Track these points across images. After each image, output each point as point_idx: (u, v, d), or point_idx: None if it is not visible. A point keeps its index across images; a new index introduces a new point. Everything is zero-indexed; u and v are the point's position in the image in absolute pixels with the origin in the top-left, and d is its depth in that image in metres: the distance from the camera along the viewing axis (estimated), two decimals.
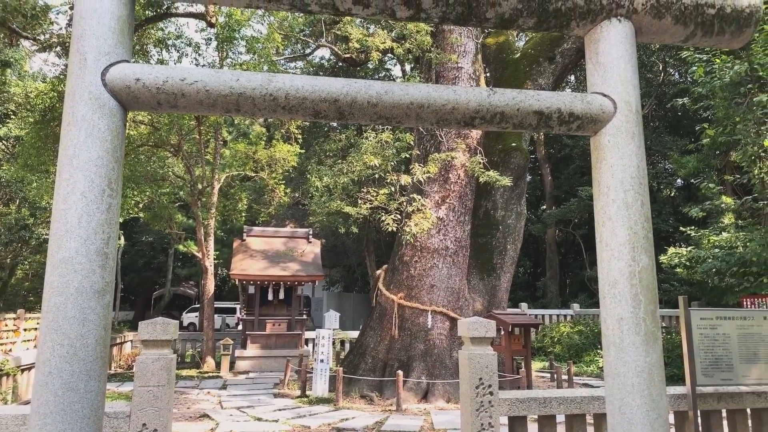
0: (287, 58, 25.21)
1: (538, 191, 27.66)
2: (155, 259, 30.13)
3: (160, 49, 14.33)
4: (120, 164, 2.46)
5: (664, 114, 24.39)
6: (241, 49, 17.25)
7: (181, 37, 14.57)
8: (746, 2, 3.13)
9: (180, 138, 15.26)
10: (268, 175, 16.80)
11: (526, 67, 15.18)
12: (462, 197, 11.45)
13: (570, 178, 25.49)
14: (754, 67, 7.54)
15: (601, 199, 2.81)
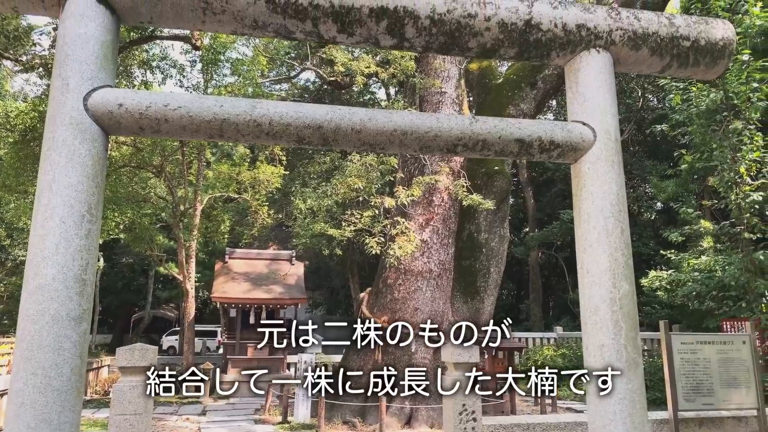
0: (272, 81, 25.32)
1: (521, 214, 27.90)
2: (135, 281, 29.67)
3: (145, 71, 14.31)
4: (101, 189, 2.44)
5: (643, 139, 24.87)
6: (226, 71, 17.29)
7: (165, 58, 14.58)
8: (720, 35, 3.23)
9: (163, 159, 15.16)
10: (252, 196, 16.72)
11: (508, 92, 15.43)
12: (446, 220, 11.50)
13: (552, 201, 25.77)
14: (729, 96, 7.76)
15: (582, 226, 2.85)
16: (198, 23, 2.76)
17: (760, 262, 7.46)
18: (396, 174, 10.95)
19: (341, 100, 25.76)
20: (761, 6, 8.69)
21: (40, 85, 14.21)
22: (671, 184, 11.92)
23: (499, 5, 2.89)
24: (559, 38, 2.98)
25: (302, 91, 26.96)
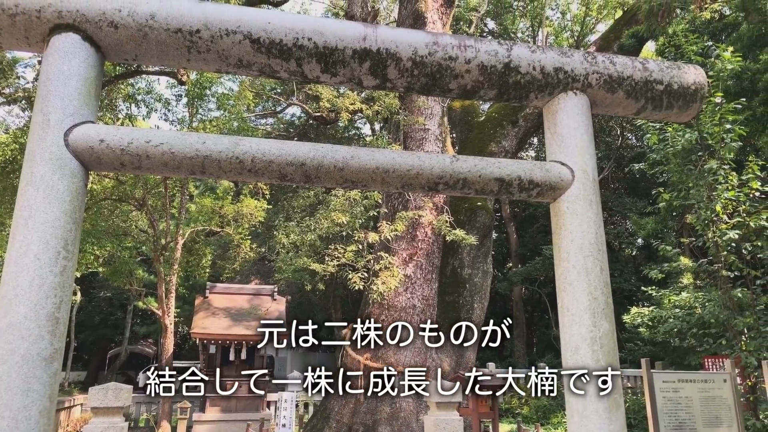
0: (258, 115, 25.51)
1: (504, 249, 28.03)
2: (113, 315, 28.99)
3: (129, 104, 14.33)
4: (78, 225, 2.41)
5: (623, 176, 25.36)
6: (212, 105, 17.39)
7: (151, 92, 14.63)
8: (691, 80, 3.35)
9: (145, 192, 15.05)
10: (234, 230, 16.60)
11: (490, 129, 15.72)
12: (429, 255, 11.51)
13: (535, 236, 25.97)
14: (704, 136, 7.97)
15: (562, 264, 2.87)
16: (183, 61, 2.79)
17: (738, 300, 7.54)
18: (380, 209, 10.99)
19: (326, 135, 25.99)
20: (732, 51, 9.04)
21: (22, 117, 14.13)
22: (651, 221, 12.13)
23: (479, 49, 2.97)
24: (538, 81, 3.06)
25: (288, 125, 27.16)
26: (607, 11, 25.15)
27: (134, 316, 28.04)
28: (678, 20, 12.23)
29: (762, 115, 10.14)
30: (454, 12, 15.16)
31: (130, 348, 28.55)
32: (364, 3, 14.86)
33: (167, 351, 15.69)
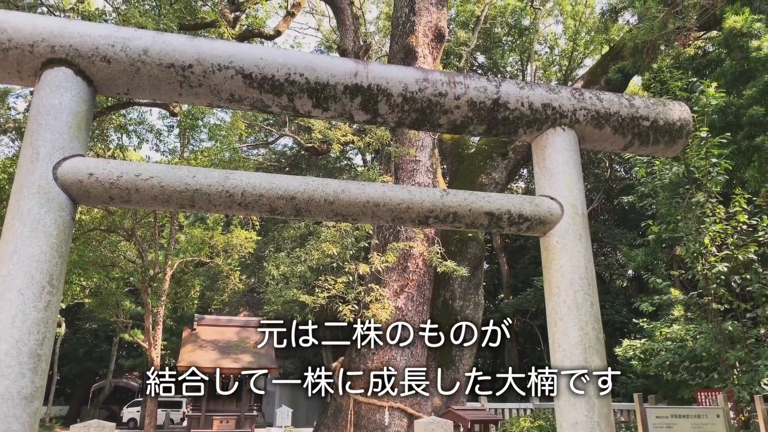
0: (250, 146, 25.62)
1: (496, 280, 27.99)
2: (98, 347, 28.44)
3: (121, 135, 14.36)
4: (65, 260, 2.38)
5: (612, 208, 25.58)
6: (204, 136, 17.46)
7: (142, 123, 14.68)
8: (677, 116, 3.41)
9: (134, 222, 14.95)
10: (224, 261, 16.48)
11: (480, 161, 15.88)
12: (420, 286, 11.46)
13: (526, 267, 25.98)
14: (691, 170, 8.10)
15: (552, 299, 2.86)
16: (175, 95, 2.80)
17: (730, 333, 7.54)
18: (371, 240, 10.98)
19: (318, 165, 26.12)
20: (715, 86, 9.26)
21: (12, 147, 14.09)
22: (641, 253, 12.19)
23: (468, 85, 3.01)
24: (526, 116, 3.10)
25: (279, 156, 27.27)
26: (594, 47, 25.81)
27: (120, 349, 27.53)
28: (663, 56, 12.55)
29: (747, 148, 10.32)
30: (445, 46, 15.47)
31: (115, 381, 27.94)
32: (356, 37, 15.14)
33: None
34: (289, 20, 12.68)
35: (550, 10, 26.97)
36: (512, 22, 25.76)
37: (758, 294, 7.34)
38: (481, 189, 14.97)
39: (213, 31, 11.84)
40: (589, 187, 24.17)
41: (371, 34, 26.81)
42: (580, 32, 26.09)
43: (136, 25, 6.88)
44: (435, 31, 13.03)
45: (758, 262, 7.52)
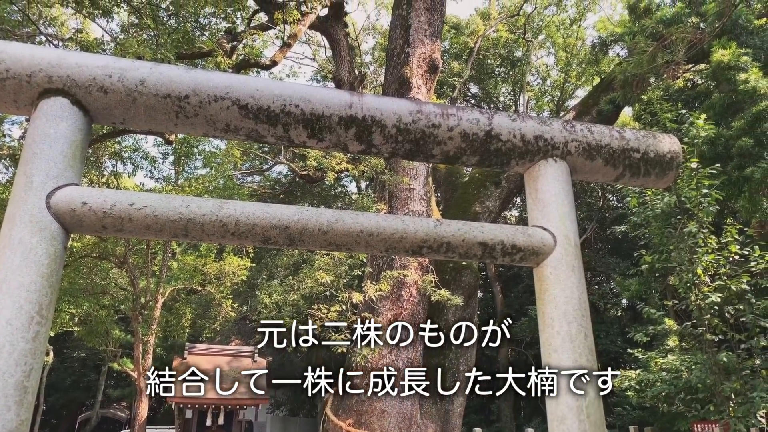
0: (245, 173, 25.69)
1: (490, 309, 27.83)
2: (86, 377, 27.90)
3: (115, 162, 14.38)
4: (55, 289, 2.35)
5: (605, 237, 25.68)
6: (198, 163, 17.51)
7: (138, 150, 14.73)
8: (667, 148, 3.46)
9: (127, 249, 14.86)
10: (216, 288, 16.34)
11: (474, 190, 15.99)
12: (414, 315, 11.38)
13: (520, 296, 25.89)
14: (682, 200, 8.18)
15: (546, 330, 2.85)
16: (170, 125, 2.82)
17: (724, 364, 7.51)
18: (364, 268, 10.93)
19: (313, 193, 26.17)
20: (705, 118, 9.42)
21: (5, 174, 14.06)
22: (634, 283, 12.20)
23: (461, 117, 3.05)
24: (518, 148, 3.14)
25: (274, 183, 27.32)
26: (585, 78, 26.28)
27: (108, 378, 27.01)
28: (652, 89, 12.78)
29: (737, 179, 10.45)
30: (439, 77, 15.70)
31: (102, 412, 27.32)
32: (351, 68, 15.36)
33: (141, 416, 15.06)
34: (285, 51, 12.87)
35: (542, 42, 27.54)
36: (505, 54, 26.25)
37: (752, 325, 7.34)
38: (474, 217, 15.02)
39: (210, 61, 11.97)
40: (582, 216, 24.29)
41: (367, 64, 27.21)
42: (571, 64, 26.59)
43: (134, 55, 6.96)
44: (429, 62, 13.24)
45: (751, 293, 7.54)
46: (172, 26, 11.17)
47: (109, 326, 16.37)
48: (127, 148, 14.48)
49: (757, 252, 7.80)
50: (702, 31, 12.29)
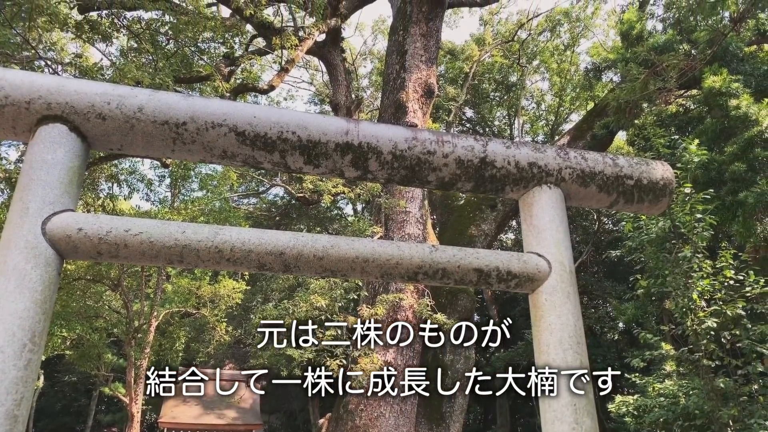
0: (241, 195, 25.72)
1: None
2: (76, 401, 27.47)
3: (111, 184, 14.39)
4: (48, 316, 2.34)
5: (601, 260, 25.70)
6: (195, 186, 17.54)
7: (134, 172, 14.76)
8: (660, 175, 3.49)
9: (121, 272, 14.78)
10: (210, 312, 16.23)
11: (469, 213, 16.03)
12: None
13: (517, 319, 25.75)
14: (677, 225, 8.22)
15: (542, 358, 2.84)
16: (168, 152, 2.84)
17: (722, 390, 7.47)
18: (360, 291, 10.89)
19: (309, 215, 26.18)
20: (697, 143, 9.52)
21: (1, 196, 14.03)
22: (630, 307, 12.18)
23: (456, 144, 3.09)
24: (513, 175, 3.16)
25: (270, 205, 27.36)
26: (580, 102, 26.61)
27: (99, 403, 26.60)
28: (645, 114, 12.94)
29: (731, 204, 10.52)
30: (434, 101, 15.87)
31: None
32: (348, 92, 15.52)
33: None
34: (282, 75, 13.00)
35: (536, 68, 27.95)
36: (500, 79, 26.60)
37: (748, 350, 7.32)
38: (470, 240, 15.03)
39: (208, 84, 12.09)
40: (577, 239, 24.35)
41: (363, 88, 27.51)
42: (565, 89, 26.95)
43: (133, 80, 7.03)
44: (425, 87, 13.39)
45: (747, 318, 7.54)
46: (171, 50, 11.30)
47: (101, 350, 16.19)
48: (124, 171, 14.52)
49: (752, 277, 7.82)
50: (693, 58, 12.50)
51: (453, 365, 12.04)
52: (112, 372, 18.20)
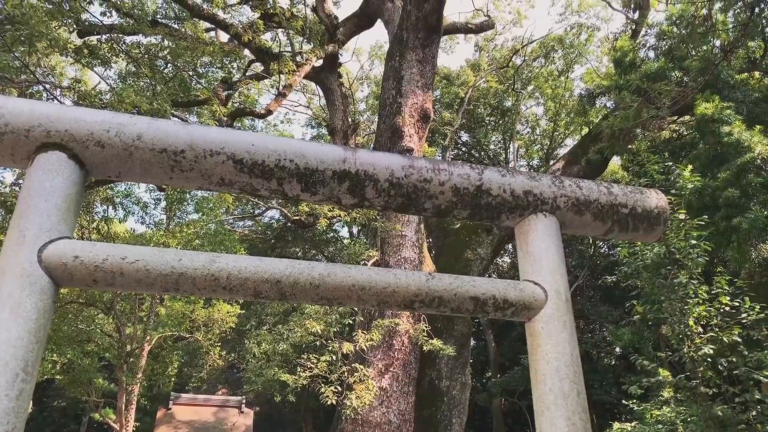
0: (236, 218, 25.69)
1: (483, 357, 27.49)
2: (65, 427, 26.94)
3: (107, 206, 14.37)
4: (42, 345, 2.32)
5: (597, 284, 25.69)
6: (191, 208, 17.53)
7: (130, 195, 14.75)
8: (654, 204, 3.52)
9: (114, 295, 14.66)
10: (204, 336, 16.07)
11: (465, 237, 16.05)
12: (406, 366, 11.20)
13: (513, 344, 25.62)
14: (672, 250, 8.25)
15: (539, 387, 2.82)
16: (165, 179, 2.85)
17: (720, 418, 7.41)
18: (355, 317, 10.83)
19: (304, 238, 26.13)
20: (691, 169, 9.62)
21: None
22: (627, 333, 12.14)
23: (452, 172, 3.11)
24: (508, 203, 3.18)
25: (266, 228, 27.32)
26: (574, 127, 26.89)
27: (89, 429, 26.07)
28: (640, 140, 13.08)
29: (725, 229, 10.59)
30: (430, 126, 16.01)
31: None
32: (345, 116, 15.66)
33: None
34: (280, 100, 13.12)
35: (531, 93, 28.30)
36: (495, 104, 26.89)
37: (745, 378, 7.28)
38: (466, 264, 15.02)
39: (206, 108, 12.18)
40: (573, 263, 24.35)
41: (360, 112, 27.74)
42: (560, 114, 27.26)
43: (131, 105, 7.08)
44: (421, 112, 13.52)
45: (743, 345, 7.52)
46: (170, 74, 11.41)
47: (92, 375, 15.93)
48: (119, 194, 14.51)
49: (747, 303, 7.83)
50: (686, 86, 12.70)
51: (449, 391, 11.92)
52: (103, 397, 17.87)
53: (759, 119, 12.27)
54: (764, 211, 9.71)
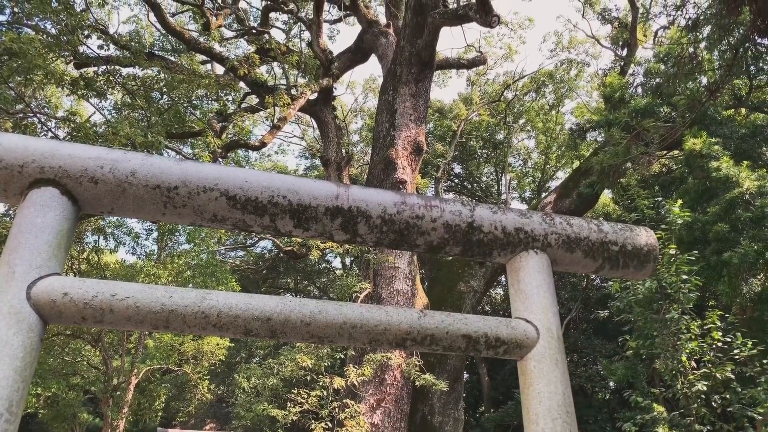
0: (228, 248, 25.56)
1: (476, 391, 27.13)
2: None
3: (98, 237, 14.28)
4: (27, 383, 2.28)
5: (590, 318, 25.61)
6: (182, 239, 17.45)
7: (121, 226, 14.69)
8: (644, 241, 3.55)
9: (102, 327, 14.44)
10: (193, 369, 15.80)
11: (458, 269, 16.03)
12: (398, 401, 11.03)
13: (506, 379, 25.34)
14: (663, 285, 8.27)
15: (531, 427, 2.79)
16: (158, 215, 2.85)
17: None
18: (347, 351, 10.71)
19: (296, 269, 25.99)
20: (680, 204, 9.73)
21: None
22: (620, 367, 12.06)
23: (444, 209, 3.13)
24: (500, 240, 3.20)
25: (258, 258, 27.17)
26: (565, 160, 27.21)
27: None
28: (629, 174, 13.25)
29: (716, 264, 10.65)
30: (423, 158, 16.15)
31: None
32: (338, 148, 15.79)
33: None
34: (274, 133, 13.23)
35: (522, 126, 28.70)
36: (487, 136, 27.24)
37: (739, 415, 7.23)
38: (459, 297, 14.97)
39: (200, 140, 12.24)
40: (566, 296, 24.31)
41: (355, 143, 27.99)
42: (551, 147, 27.61)
43: (126, 137, 7.12)
44: (414, 144, 13.67)
45: (736, 381, 7.48)
46: (165, 105, 11.51)
47: (76, 409, 15.57)
48: (111, 224, 14.44)
49: (739, 339, 7.82)
50: (674, 121, 12.93)
51: (442, 427, 11.73)
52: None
53: (746, 155, 12.49)
54: (754, 245, 9.80)
